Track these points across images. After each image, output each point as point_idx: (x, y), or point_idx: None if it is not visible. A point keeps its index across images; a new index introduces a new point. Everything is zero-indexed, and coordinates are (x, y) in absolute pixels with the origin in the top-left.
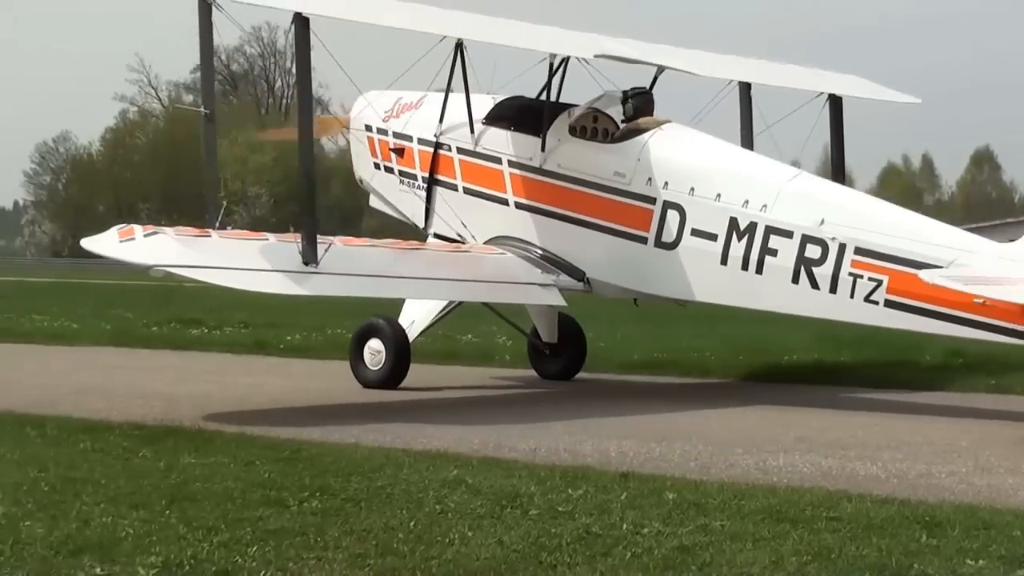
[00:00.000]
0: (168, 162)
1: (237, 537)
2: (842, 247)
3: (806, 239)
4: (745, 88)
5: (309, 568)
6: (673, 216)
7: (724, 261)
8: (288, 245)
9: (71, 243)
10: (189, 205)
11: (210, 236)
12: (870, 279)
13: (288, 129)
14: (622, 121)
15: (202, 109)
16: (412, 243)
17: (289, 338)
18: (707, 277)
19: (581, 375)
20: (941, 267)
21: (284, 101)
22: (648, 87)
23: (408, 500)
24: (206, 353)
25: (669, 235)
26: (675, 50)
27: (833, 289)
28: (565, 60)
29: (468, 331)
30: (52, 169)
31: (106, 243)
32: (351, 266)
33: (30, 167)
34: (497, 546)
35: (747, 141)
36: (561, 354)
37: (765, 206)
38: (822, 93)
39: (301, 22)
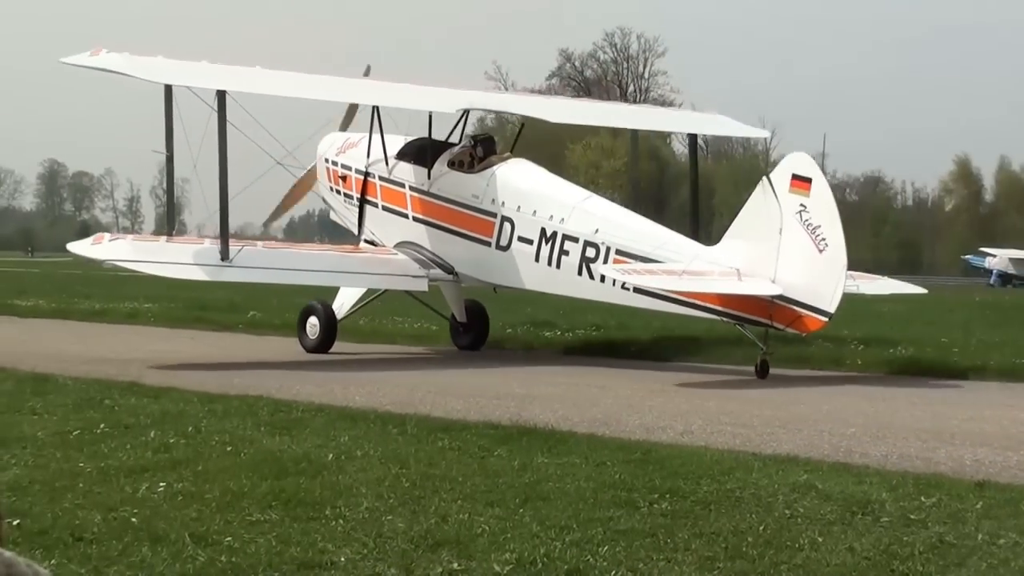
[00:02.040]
0: None
1: (588, 536)
2: (608, 249)
3: (586, 243)
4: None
5: (659, 569)
6: (507, 226)
7: (537, 259)
8: (215, 247)
9: None
10: None
11: (159, 241)
12: (628, 271)
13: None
14: (481, 156)
15: (164, 152)
16: (319, 246)
17: (640, 340)
18: (527, 271)
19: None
20: (662, 262)
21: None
22: (517, 131)
23: (757, 504)
24: (557, 355)
25: (504, 240)
26: (540, 99)
27: (603, 280)
28: (466, 111)
29: (817, 337)
30: None
31: (82, 246)
32: (258, 262)
33: None
34: (848, 553)
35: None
36: (471, 330)
37: (563, 219)
38: (675, 132)
39: (221, 97)
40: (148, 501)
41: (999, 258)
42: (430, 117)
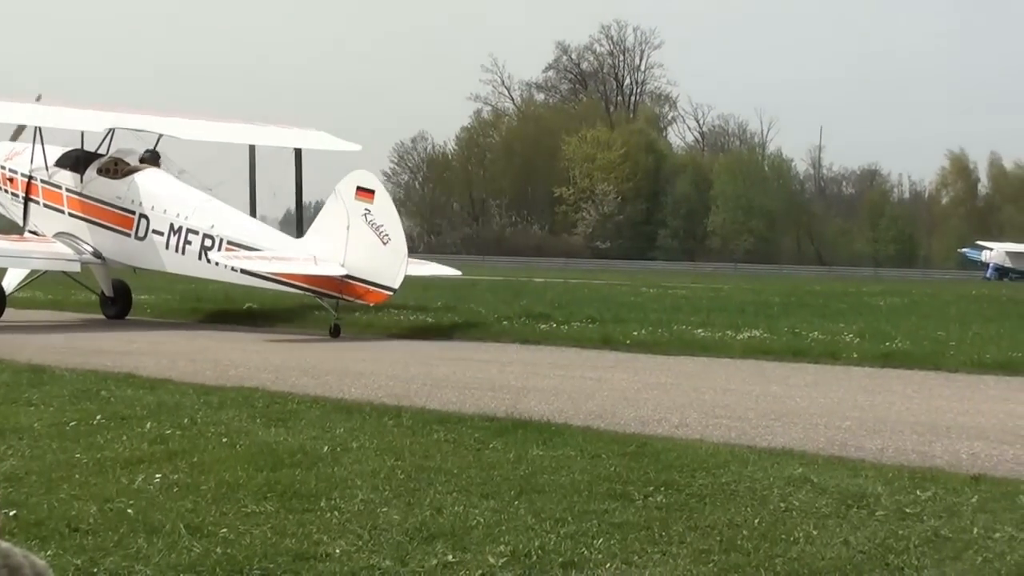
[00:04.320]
0: (521, 159)
1: (583, 529)
2: (221, 240)
3: (205, 235)
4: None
5: (653, 562)
6: (143, 222)
7: (167, 247)
8: None
9: (427, 240)
10: (540, 201)
11: None
12: (233, 257)
13: None
14: (125, 164)
15: None
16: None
17: (636, 333)
18: (160, 256)
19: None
20: (261, 251)
21: (632, 98)
22: (155, 143)
23: (752, 497)
24: (554, 347)
25: (141, 233)
26: (176, 119)
27: (217, 264)
28: (112, 130)
29: (815, 329)
30: (410, 168)
31: None
32: None
33: (389, 166)
34: (843, 546)
35: (252, 184)
36: (117, 303)
37: (187, 216)
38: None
39: None
40: (144, 492)
41: (996, 252)
42: (82, 134)
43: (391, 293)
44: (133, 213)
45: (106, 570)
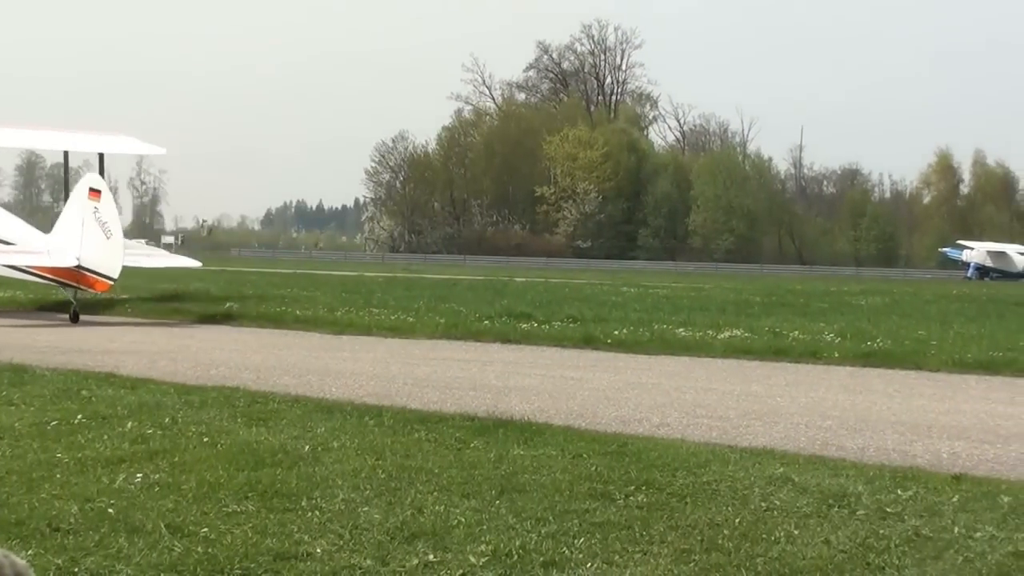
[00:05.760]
0: (502, 159)
1: (564, 528)
2: None
3: None
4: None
5: (634, 562)
6: None
7: None
8: None
9: (408, 239)
10: (521, 201)
11: None
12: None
13: None
14: None
15: None
16: None
17: (617, 332)
18: None
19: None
20: (15, 244)
21: (613, 98)
22: None
23: (734, 496)
24: (535, 347)
25: None
26: None
27: None
28: None
29: (796, 329)
30: (391, 167)
31: None
32: None
33: (370, 166)
34: (824, 546)
35: (66, 188)
36: None
37: None
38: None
39: None
40: (125, 492)
41: (977, 251)
42: None
43: (112, 283)
44: None
45: (87, 570)
